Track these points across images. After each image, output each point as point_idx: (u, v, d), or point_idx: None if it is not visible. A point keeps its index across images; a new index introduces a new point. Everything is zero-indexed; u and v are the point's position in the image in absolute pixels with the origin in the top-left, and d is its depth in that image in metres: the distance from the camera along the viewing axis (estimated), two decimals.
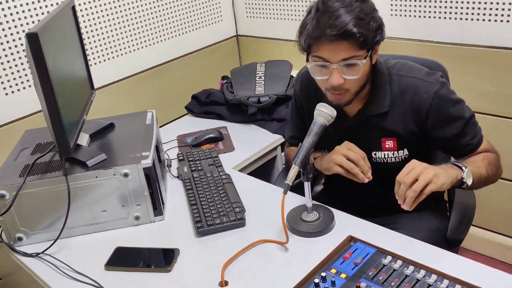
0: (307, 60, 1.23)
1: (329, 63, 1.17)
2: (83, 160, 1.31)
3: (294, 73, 2.08)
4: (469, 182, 1.18)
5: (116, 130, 1.56)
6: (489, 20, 1.80)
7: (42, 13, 1.79)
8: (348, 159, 1.23)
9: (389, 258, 1.09)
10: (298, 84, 1.47)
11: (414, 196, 1.09)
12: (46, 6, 1.80)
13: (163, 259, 1.21)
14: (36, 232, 1.31)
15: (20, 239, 1.31)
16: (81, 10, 1.90)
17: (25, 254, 1.27)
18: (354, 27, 1.11)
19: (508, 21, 1.76)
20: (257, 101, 1.93)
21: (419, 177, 1.09)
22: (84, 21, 1.93)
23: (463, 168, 1.18)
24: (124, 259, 1.22)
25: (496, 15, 1.78)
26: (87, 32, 1.95)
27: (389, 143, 1.31)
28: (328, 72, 1.18)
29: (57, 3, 1.82)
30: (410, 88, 1.26)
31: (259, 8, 2.44)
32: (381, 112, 1.28)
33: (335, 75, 1.17)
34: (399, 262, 1.07)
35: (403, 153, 1.32)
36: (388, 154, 1.32)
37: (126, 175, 1.29)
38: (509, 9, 1.74)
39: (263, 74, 2.10)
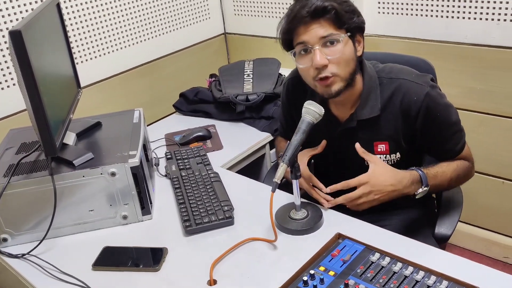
0: (288, 50, 1.26)
1: (309, 45, 1.18)
2: (70, 160, 1.30)
3: (283, 70, 2.09)
4: (418, 197, 1.25)
5: (103, 129, 1.54)
6: (474, 18, 1.81)
7: (26, 11, 1.77)
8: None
9: (377, 255, 1.10)
10: (284, 92, 1.47)
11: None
12: (30, 3, 1.77)
13: (151, 258, 1.20)
14: (21, 233, 1.29)
15: (5, 240, 1.29)
16: (66, 8, 1.88)
17: (10, 255, 1.25)
18: (325, 2, 1.15)
19: (492, 19, 1.77)
20: (246, 99, 1.92)
21: (362, 200, 1.21)
22: (70, 19, 1.91)
23: (423, 187, 1.24)
24: (112, 258, 1.21)
25: (481, 13, 1.79)
26: (73, 30, 1.93)
27: (381, 147, 1.31)
28: (311, 56, 1.19)
29: (41, 0, 1.80)
30: (400, 89, 1.26)
31: (247, 6, 2.44)
32: (373, 117, 1.29)
33: (317, 55, 1.18)
34: (387, 259, 1.08)
35: (395, 156, 1.32)
36: (380, 157, 1.32)
37: (113, 174, 1.28)
38: (493, 8, 1.76)
39: (252, 72, 2.09)
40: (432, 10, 1.90)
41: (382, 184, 1.20)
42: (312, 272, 1.05)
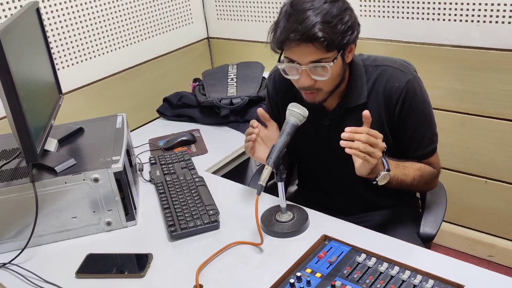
0: (279, 60, 1.23)
1: (298, 64, 1.17)
2: (51, 166, 1.28)
3: (266, 74, 2.09)
4: (380, 183, 1.18)
5: (85, 134, 1.52)
6: (455, 20, 1.84)
7: (5, 16, 1.74)
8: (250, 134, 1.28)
9: (363, 256, 1.10)
10: (271, 83, 1.46)
11: (357, 149, 1.10)
12: (9, 9, 1.75)
13: (136, 264, 1.19)
14: (2, 242, 1.27)
15: None
16: (46, 13, 1.86)
17: None
18: (319, 31, 1.10)
19: (472, 21, 1.80)
20: (230, 103, 1.92)
21: (374, 148, 1.10)
22: (50, 24, 1.88)
23: (385, 170, 1.17)
24: (96, 266, 1.19)
25: (461, 15, 1.82)
26: (53, 36, 1.90)
27: None
28: (299, 73, 1.19)
29: (21, 6, 1.77)
30: (384, 75, 1.27)
31: (230, 10, 2.44)
32: (359, 104, 1.28)
33: (304, 76, 1.18)
34: (374, 260, 1.08)
35: None
36: None
37: (96, 180, 1.27)
38: (473, 9, 1.78)
39: (235, 76, 2.09)
40: (413, 13, 1.92)
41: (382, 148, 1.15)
42: (298, 274, 1.05)
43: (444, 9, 1.85)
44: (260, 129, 1.30)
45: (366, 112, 1.14)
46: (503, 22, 1.74)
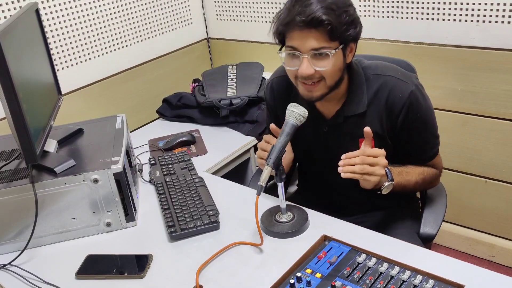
0: (280, 49, 1.24)
1: (300, 52, 1.17)
2: (51, 167, 1.28)
3: (266, 74, 2.09)
4: (384, 193, 1.20)
5: (85, 135, 1.52)
6: (454, 20, 1.84)
7: (5, 17, 1.74)
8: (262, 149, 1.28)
9: (363, 256, 1.10)
10: (269, 91, 1.46)
11: (353, 173, 1.13)
12: (8, 10, 1.75)
13: (136, 265, 1.19)
14: (2, 243, 1.26)
15: None
16: (46, 14, 1.86)
17: None
18: (323, 14, 1.12)
19: (472, 21, 1.80)
20: (229, 103, 1.92)
21: (374, 167, 1.13)
22: (49, 25, 1.88)
23: (388, 181, 1.19)
24: (96, 266, 1.19)
25: (460, 15, 1.82)
26: (53, 37, 1.90)
27: None
28: (299, 62, 1.19)
29: (20, 6, 1.77)
30: (386, 86, 1.27)
31: (229, 11, 2.44)
32: (359, 113, 1.29)
33: (304, 64, 1.17)
34: (374, 260, 1.08)
35: None
36: None
37: (96, 181, 1.26)
38: (473, 9, 1.78)
39: (235, 76, 2.09)
40: (413, 13, 1.92)
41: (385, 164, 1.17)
42: (298, 274, 1.05)
43: (444, 9, 1.84)
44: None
45: (367, 129, 1.16)
46: (503, 22, 1.74)
